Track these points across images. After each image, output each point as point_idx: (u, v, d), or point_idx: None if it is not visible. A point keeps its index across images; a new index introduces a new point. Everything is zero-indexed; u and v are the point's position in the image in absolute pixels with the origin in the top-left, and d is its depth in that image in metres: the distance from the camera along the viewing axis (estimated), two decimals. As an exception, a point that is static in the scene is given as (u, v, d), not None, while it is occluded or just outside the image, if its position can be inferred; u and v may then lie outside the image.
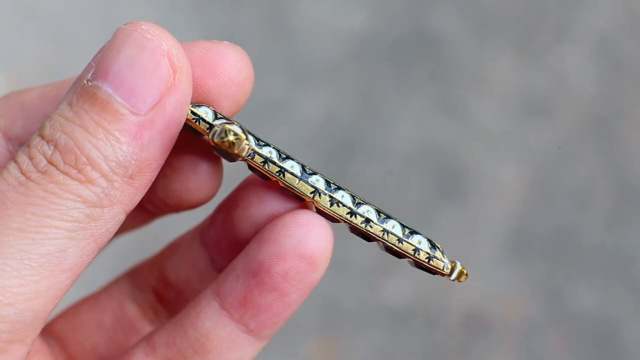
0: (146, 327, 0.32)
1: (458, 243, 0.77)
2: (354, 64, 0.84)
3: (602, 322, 0.75)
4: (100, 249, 0.25)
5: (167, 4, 0.86)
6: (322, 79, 0.83)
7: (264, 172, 0.27)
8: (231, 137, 0.25)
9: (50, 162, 0.24)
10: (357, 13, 0.86)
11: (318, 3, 0.86)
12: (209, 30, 0.85)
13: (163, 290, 0.32)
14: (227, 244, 0.30)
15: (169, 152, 0.25)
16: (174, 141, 0.25)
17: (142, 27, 0.24)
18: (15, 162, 0.24)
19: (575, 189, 0.80)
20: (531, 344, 0.75)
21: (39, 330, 0.24)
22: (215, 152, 0.26)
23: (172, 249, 0.32)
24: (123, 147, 0.24)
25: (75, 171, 0.23)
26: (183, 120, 0.25)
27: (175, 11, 0.86)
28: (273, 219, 0.27)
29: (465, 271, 0.28)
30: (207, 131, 0.26)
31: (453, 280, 0.28)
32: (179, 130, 0.25)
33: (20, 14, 0.85)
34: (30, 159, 0.24)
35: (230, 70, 0.27)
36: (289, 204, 0.28)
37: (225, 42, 0.28)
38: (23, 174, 0.24)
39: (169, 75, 0.24)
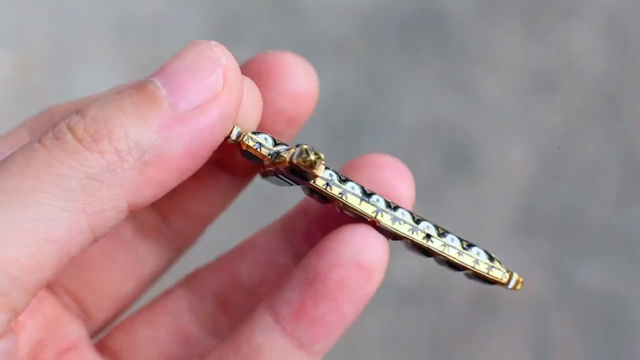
0: (204, 339, 0.32)
1: (466, 222, 0.77)
2: (361, 42, 0.84)
3: (611, 301, 0.75)
4: (95, 234, 0.24)
5: (173, -17, 0.86)
6: (329, 56, 0.82)
7: (327, 194, 0.27)
8: (312, 157, 0.26)
9: (69, 129, 0.24)
10: (364, -9, 0.85)
11: (325, -19, 0.86)
12: (215, 9, 0.85)
13: (231, 295, 0.32)
14: (323, 232, 0.29)
15: (194, 163, 0.25)
16: (204, 152, 0.25)
17: (211, 42, 0.26)
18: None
19: (584, 167, 0.79)
20: (539, 322, 0.75)
21: (20, 304, 0.23)
22: (286, 176, 0.27)
23: (245, 249, 0.32)
24: (149, 132, 0.24)
25: (91, 140, 0.23)
26: (220, 135, 0.25)
27: (181, -11, 0.86)
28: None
29: (521, 280, 0.31)
30: (269, 157, 0.27)
31: (511, 289, 0.30)
32: (214, 144, 0.25)
33: (26, -7, 0.84)
34: (53, 127, 0.24)
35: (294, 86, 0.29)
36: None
37: (289, 53, 0.29)
38: (39, 140, 0.24)
39: (219, 85, 0.25)
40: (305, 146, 0.26)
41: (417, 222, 0.28)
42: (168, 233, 0.32)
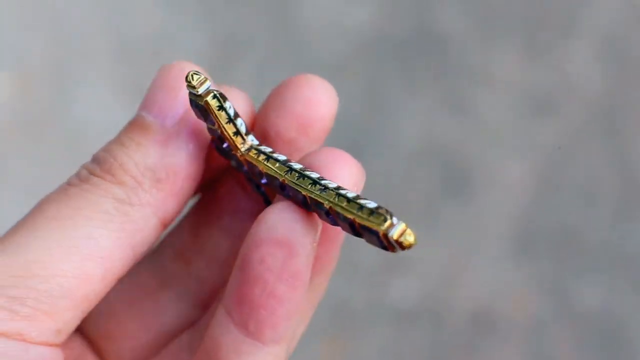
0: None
1: (464, 241, 0.77)
2: (360, 62, 0.84)
3: (609, 320, 0.75)
4: (135, 250, 0.27)
5: (173, 4, 0.86)
6: (328, 77, 0.82)
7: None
8: (411, 239, 0.25)
9: (89, 172, 0.27)
10: (363, 11, 0.86)
11: (324, 1, 0.86)
12: (215, 28, 0.85)
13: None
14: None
15: (199, 163, 0.28)
16: (202, 152, 0.28)
17: (176, 62, 0.29)
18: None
19: (582, 186, 0.79)
20: (538, 341, 0.75)
21: (67, 317, 0.26)
22: (357, 230, 0.26)
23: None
24: (151, 154, 0.27)
25: (110, 175, 0.27)
26: (208, 134, 0.28)
27: (181, 11, 0.86)
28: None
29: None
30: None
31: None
32: (207, 142, 0.28)
33: (27, 14, 0.85)
34: (75, 175, 0.28)
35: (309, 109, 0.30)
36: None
37: (309, 75, 0.30)
38: (67, 183, 0.28)
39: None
40: (403, 225, 0.25)
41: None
42: (191, 283, 0.32)
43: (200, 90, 0.27)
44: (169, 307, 0.32)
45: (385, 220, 0.25)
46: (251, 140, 0.28)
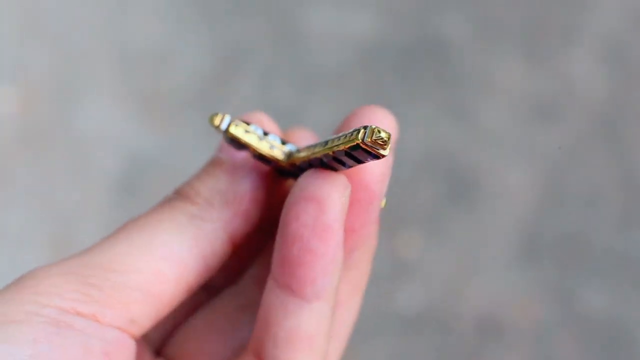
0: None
1: (469, 248, 0.77)
2: (361, 71, 0.84)
3: (614, 325, 0.75)
4: (207, 262, 0.31)
5: (175, 16, 0.87)
6: (331, 85, 0.83)
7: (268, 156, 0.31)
8: (384, 135, 0.27)
9: (168, 200, 0.32)
10: (365, 20, 0.86)
11: (326, 11, 0.87)
12: (217, 40, 0.86)
13: None
14: None
15: (263, 190, 0.32)
16: (265, 181, 0.32)
17: (251, 113, 0.33)
18: None
19: (585, 192, 0.80)
20: (543, 347, 0.75)
21: (144, 310, 0.29)
22: (353, 156, 0.28)
23: None
24: (221, 180, 0.32)
25: (186, 199, 0.31)
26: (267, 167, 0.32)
27: (183, 23, 0.86)
28: None
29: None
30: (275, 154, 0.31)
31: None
32: (268, 172, 0.32)
33: (32, 28, 0.85)
34: (160, 202, 0.32)
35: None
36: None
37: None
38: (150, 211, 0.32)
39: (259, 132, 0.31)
40: (372, 126, 0.27)
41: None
42: None
43: (223, 126, 0.31)
44: (247, 329, 0.34)
45: (358, 132, 0.27)
46: (290, 148, 0.31)
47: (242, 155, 0.32)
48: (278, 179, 0.33)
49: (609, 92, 0.83)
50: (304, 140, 0.34)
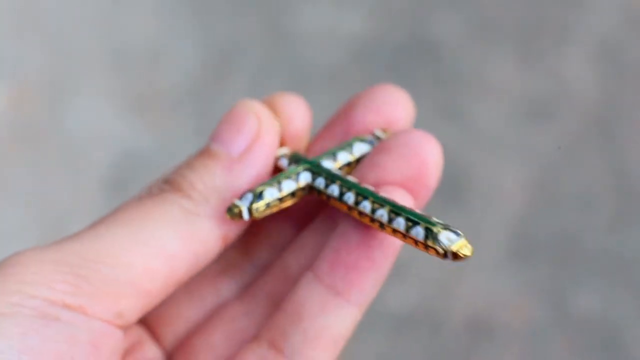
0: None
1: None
2: (354, 70, 0.84)
3: (607, 326, 0.75)
4: (199, 259, 0.30)
5: (168, 13, 0.86)
6: (323, 85, 0.83)
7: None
8: (468, 252, 0.30)
9: (160, 189, 0.31)
10: (358, 19, 0.86)
11: (318, 9, 0.87)
12: (210, 38, 0.85)
13: (284, 292, 0.34)
14: None
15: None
16: (264, 179, 0.32)
17: (246, 100, 0.33)
18: None
19: (578, 192, 0.80)
20: (535, 348, 0.75)
21: (132, 304, 0.29)
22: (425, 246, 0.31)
23: (294, 248, 0.35)
24: (218, 176, 0.31)
25: (180, 191, 0.31)
26: (269, 162, 0.32)
27: (176, 20, 0.86)
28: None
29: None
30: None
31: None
32: (268, 170, 0.32)
33: (24, 25, 0.85)
34: (147, 190, 0.32)
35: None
36: None
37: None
38: (139, 198, 0.31)
39: (256, 131, 0.32)
40: (462, 240, 0.30)
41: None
42: (251, 271, 0.35)
43: (246, 216, 0.31)
44: (228, 294, 0.35)
45: (437, 235, 0.30)
46: (316, 181, 0.32)
47: (239, 148, 0.32)
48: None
49: (602, 93, 0.83)
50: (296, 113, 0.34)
